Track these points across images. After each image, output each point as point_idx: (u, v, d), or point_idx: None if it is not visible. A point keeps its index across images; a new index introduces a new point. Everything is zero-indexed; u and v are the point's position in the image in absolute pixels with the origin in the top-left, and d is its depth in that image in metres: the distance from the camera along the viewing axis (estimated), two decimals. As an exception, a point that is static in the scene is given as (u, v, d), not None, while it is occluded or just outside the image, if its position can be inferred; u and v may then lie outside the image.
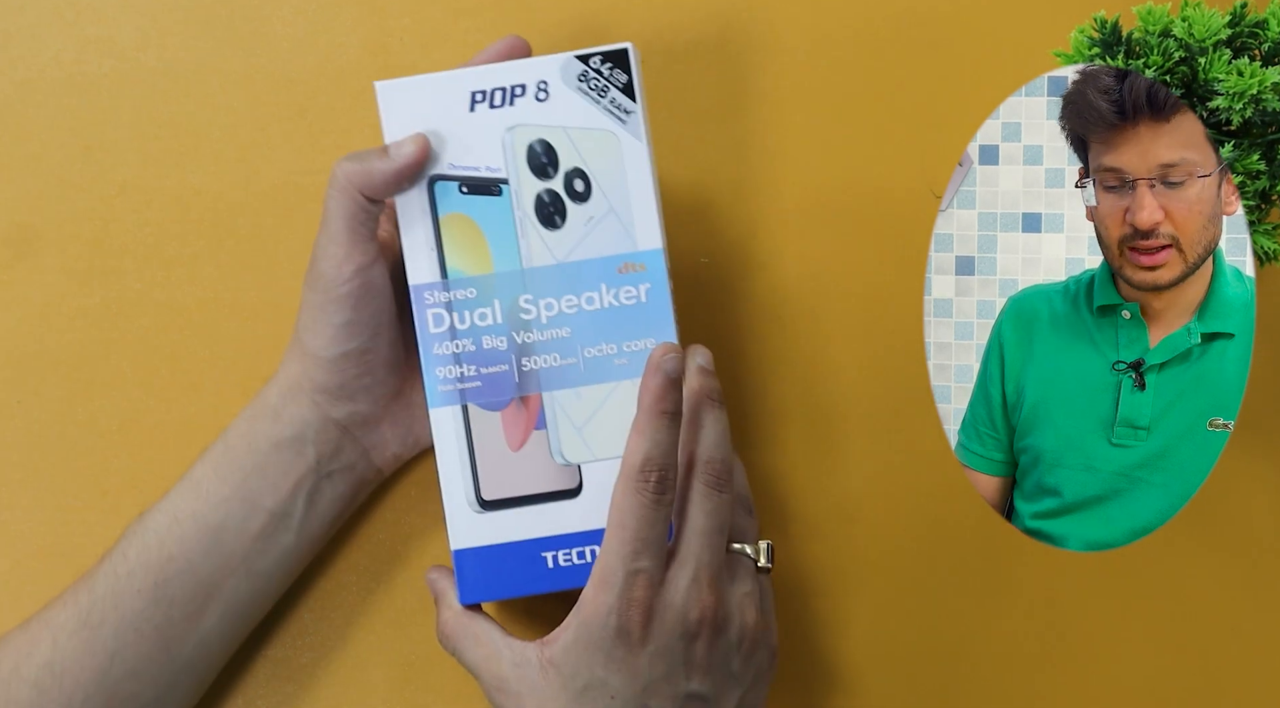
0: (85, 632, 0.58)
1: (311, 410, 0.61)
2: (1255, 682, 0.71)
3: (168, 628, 0.59)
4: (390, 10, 0.68)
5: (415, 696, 0.67)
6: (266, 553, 0.61)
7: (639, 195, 0.60)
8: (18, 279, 0.66)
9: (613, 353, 0.60)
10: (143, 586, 0.59)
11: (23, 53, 0.66)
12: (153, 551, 0.59)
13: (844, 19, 0.71)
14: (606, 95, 0.60)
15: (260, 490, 0.60)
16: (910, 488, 0.70)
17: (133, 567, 0.59)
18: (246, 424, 0.61)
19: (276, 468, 0.60)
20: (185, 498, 0.60)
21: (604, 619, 0.56)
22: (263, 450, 0.60)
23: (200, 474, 0.60)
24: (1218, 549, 0.71)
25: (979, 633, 0.70)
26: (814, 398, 0.70)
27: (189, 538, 0.59)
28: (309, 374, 0.60)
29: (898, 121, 0.71)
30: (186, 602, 0.59)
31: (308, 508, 0.61)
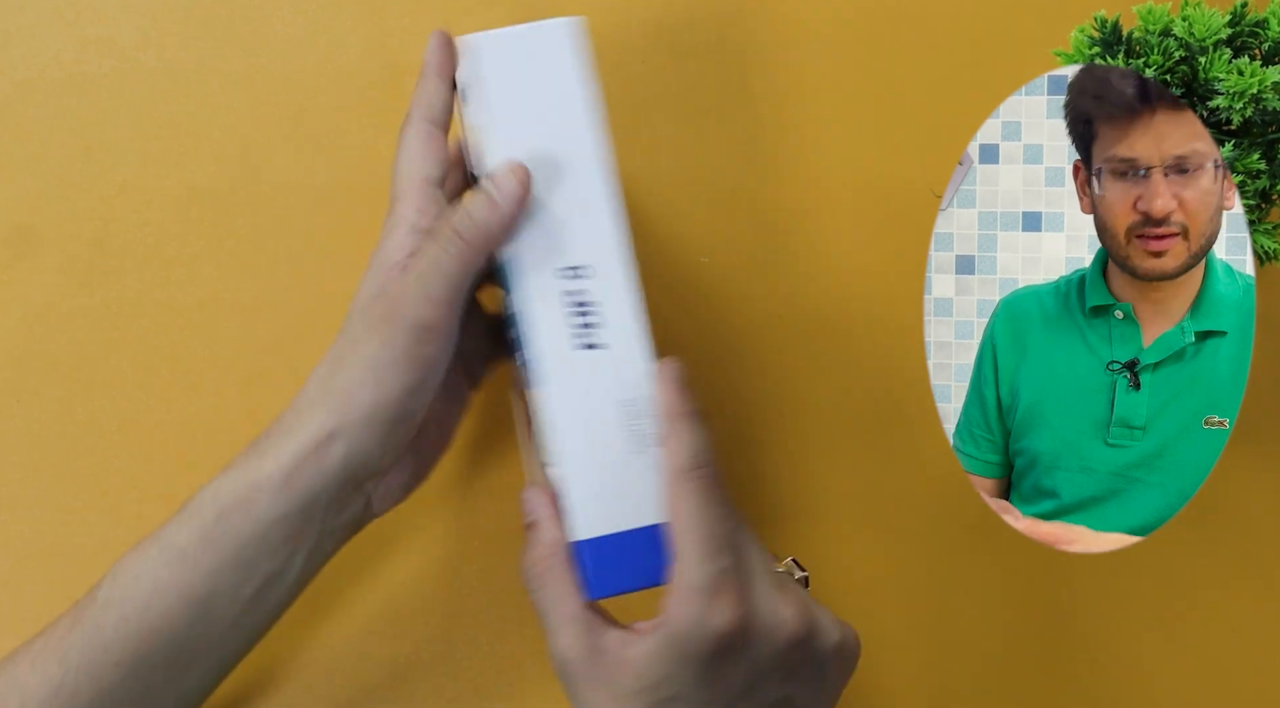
0: (58, 701, 0.53)
1: (334, 475, 0.54)
2: (1255, 682, 0.71)
3: (147, 694, 0.54)
4: (390, 10, 0.68)
5: (415, 695, 0.67)
6: (257, 612, 0.55)
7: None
8: (18, 279, 0.66)
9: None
10: (121, 658, 0.54)
11: (23, 53, 0.66)
12: (131, 623, 0.53)
13: (844, 19, 0.71)
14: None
15: (257, 560, 0.54)
16: (910, 488, 0.70)
17: (109, 641, 0.53)
18: (244, 492, 0.54)
19: (278, 536, 0.54)
20: (168, 568, 0.54)
21: (695, 630, 0.51)
22: (264, 522, 0.53)
23: (184, 541, 0.54)
24: (1218, 549, 0.71)
25: (979, 633, 0.70)
26: (814, 398, 0.70)
27: (173, 611, 0.54)
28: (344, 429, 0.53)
29: (898, 121, 0.71)
30: (168, 667, 0.54)
31: (305, 565, 0.55)
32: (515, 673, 0.68)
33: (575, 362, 0.55)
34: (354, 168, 0.67)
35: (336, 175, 0.68)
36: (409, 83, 0.66)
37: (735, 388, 0.70)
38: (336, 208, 0.68)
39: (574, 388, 0.55)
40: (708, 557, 0.52)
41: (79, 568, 0.64)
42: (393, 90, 0.68)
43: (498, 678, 0.68)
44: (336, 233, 0.67)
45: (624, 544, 0.55)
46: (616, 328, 0.55)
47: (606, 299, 0.55)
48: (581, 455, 0.55)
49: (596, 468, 0.55)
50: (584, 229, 0.56)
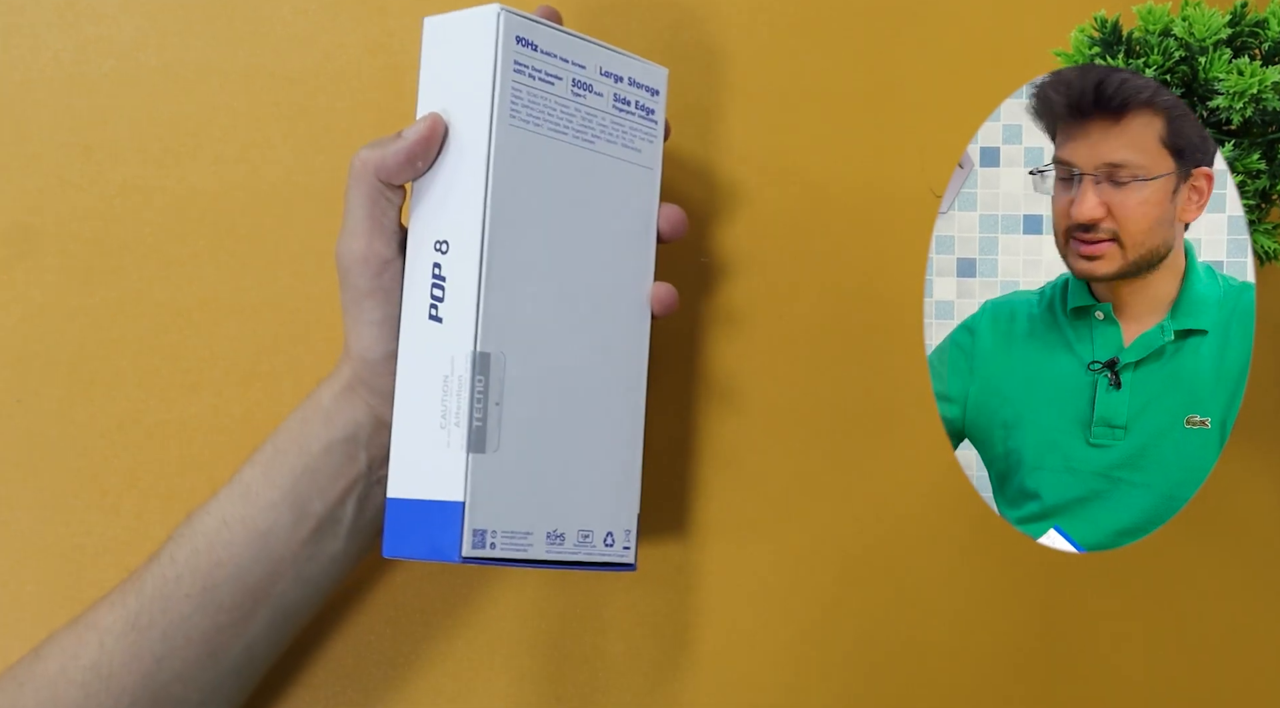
0: (133, 635, 0.57)
1: (364, 412, 0.59)
2: (1255, 682, 0.71)
3: (215, 633, 0.58)
4: (390, 10, 0.68)
5: (415, 695, 0.67)
6: (315, 559, 0.59)
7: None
8: (18, 279, 0.66)
9: None
10: (191, 590, 0.57)
11: (23, 53, 0.66)
12: (201, 555, 0.58)
13: (844, 19, 0.71)
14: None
15: (309, 495, 0.58)
16: (909, 489, 0.70)
17: (181, 571, 0.58)
18: (298, 426, 0.59)
19: (327, 472, 0.59)
20: (234, 502, 0.58)
21: None
22: (313, 453, 0.59)
23: (249, 477, 0.59)
24: (1217, 549, 0.71)
25: (978, 633, 0.70)
26: (814, 399, 0.70)
27: (237, 543, 0.58)
28: (359, 376, 0.59)
29: (898, 121, 0.71)
30: (234, 608, 0.58)
31: (357, 513, 0.60)
32: (516, 673, 0.68)
33: (420, 331, 0.57)
34: (354, 168, 0.67)
35: (336, 175, 0.67)
36: (409, 83, 0.66)
37: (735, 388, 0.70)
38: (336, 208, 0.68)
39: (413, 356, 0.58)
40: None
41: (79, 568, 0.64)
42: (393, 90, 0.68)
43: (498, 678, 0.68)
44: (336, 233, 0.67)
45: (418, 512, 0.57)
46: (456, 305, 0.57)
47: (455, 276, 0.57)
48: (405, 419, 0.57)
49: (412, 436, 0.57)
50: (458, 207, 0.57)
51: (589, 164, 0.60)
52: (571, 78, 0.59)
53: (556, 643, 0.69)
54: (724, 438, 0.70)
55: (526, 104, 0.57)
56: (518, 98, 0.57)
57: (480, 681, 0.68)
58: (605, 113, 0.60)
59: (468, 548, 0.55)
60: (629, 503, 0.61)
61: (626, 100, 0.61)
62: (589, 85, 0.60)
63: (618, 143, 0.61)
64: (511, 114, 0.57)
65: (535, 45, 0.58)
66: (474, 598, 0.68)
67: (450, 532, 0.56)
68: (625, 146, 0.61)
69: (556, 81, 0.58)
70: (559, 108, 0.58)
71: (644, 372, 0.62)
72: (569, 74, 0.59)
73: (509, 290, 0.57)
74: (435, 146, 0.57)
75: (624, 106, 0.61)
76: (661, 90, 0.62)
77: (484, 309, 0.56)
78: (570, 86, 0.59)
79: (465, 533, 0.55)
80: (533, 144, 0.57)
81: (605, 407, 0.60)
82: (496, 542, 0.56)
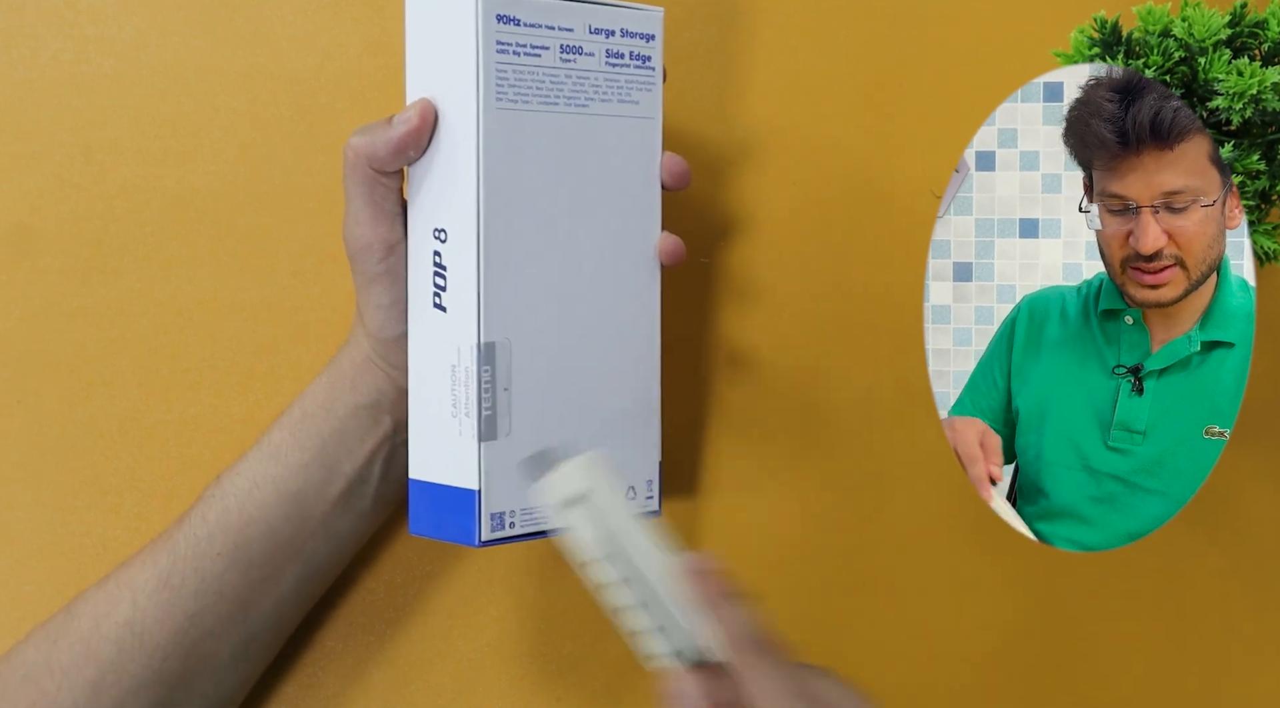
0: (165, 592, 0.58)
1: (385, 381, 0.61)
2: (1255, 682, 0.71)
3: (246, 590, 0.59)
4: (390, 10, 0.68)
5: (415, 695, 0.67)
6: (344, 517, 0.61)
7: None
8: (18, 279, 0.66)
9: None
10: (223, 549, 0.59)
11: (23, 53, 0.66)
12: (233, 514, 0.59)
13: (843, 19, 0.71)
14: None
15: (339, 456, 0.60)
16: (909, 491, 0.70)
17: (212, 530, 0.59)
18: (324, 392, 0.61)
19: (354, 434, 0.61)
20: (264, 463, 0.60)
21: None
22: (341, 416, 0.61)
23: (278, 440, 0.60)
24: (1218, 549, 0.71)
25: (978, 633, 0.70)
26: (813, 402, 0.70)
27: (269, 503, 0.59)
28: (376, 351, 0.60)
29: (898, 122, 0.71)
30: (265, 564, 0.59)
31: (384, 473, 0.62)
32: (516, 672, 0.68)
33: (426, 318, 0.58)
34: (354, 168, 0.67)
35: (336, 175, 0.67)
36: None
37: (735, 392, 0.70)
38: (336, 208, 0.68)
39: (422, 342, 0.58)
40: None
41: (79, 568, 0.64)
42: (393, 90, 0.68)
43: (498, 678, 0.68)
44: (336, 233, 0.67)
45: (438, 496, 0.58)
46: (458, 295, 0.57)
47: (455, 265, 0.57)
48: (419, 404, 0.59)
49: (427, 420, 0.58)
50: (453, 195, 0.57)
51: (585, 129, 0.59)
52: (560, 44, 0.58)
53: (556, 643, 0.69)
54: (723, 441, 0.70)
55: (513, 83, 0.57)
56: (503, 79, 0.56)
57: (480, 681, 0.68)
58: (598, 72, 0.59)
59: (486, 533, 0.56)
60: (649, 454, 0.62)
61: (620, 54, 0.60)
62: (578, 48, 0.59)
63: (613, 100, 0.60)
64: (498, 97, 0.56)
65: (518, 20, 0.57)
66: (474, 598, 0.68)
67: (467, 518, 0.57)
68: (622, 102, 0.60)
69: (544, 52, 0.57)
70: (548, 79, 0.58)
71: (658, 319, 0.62)
72: (556, 41, 0.58)
73: (511, 275, 0.57)
74: (426, 135, 0.57)
75: (618, 61, 0.60)
76: (657, 34, 0.61)
77: (485, 299, 0.56)
78: (559, 54, 0.58)
79: (482, 519, 0.56)
80: (524, 122, 0.57)
81: (620, 358, 0.61)
82: (515, 521, 0.57)
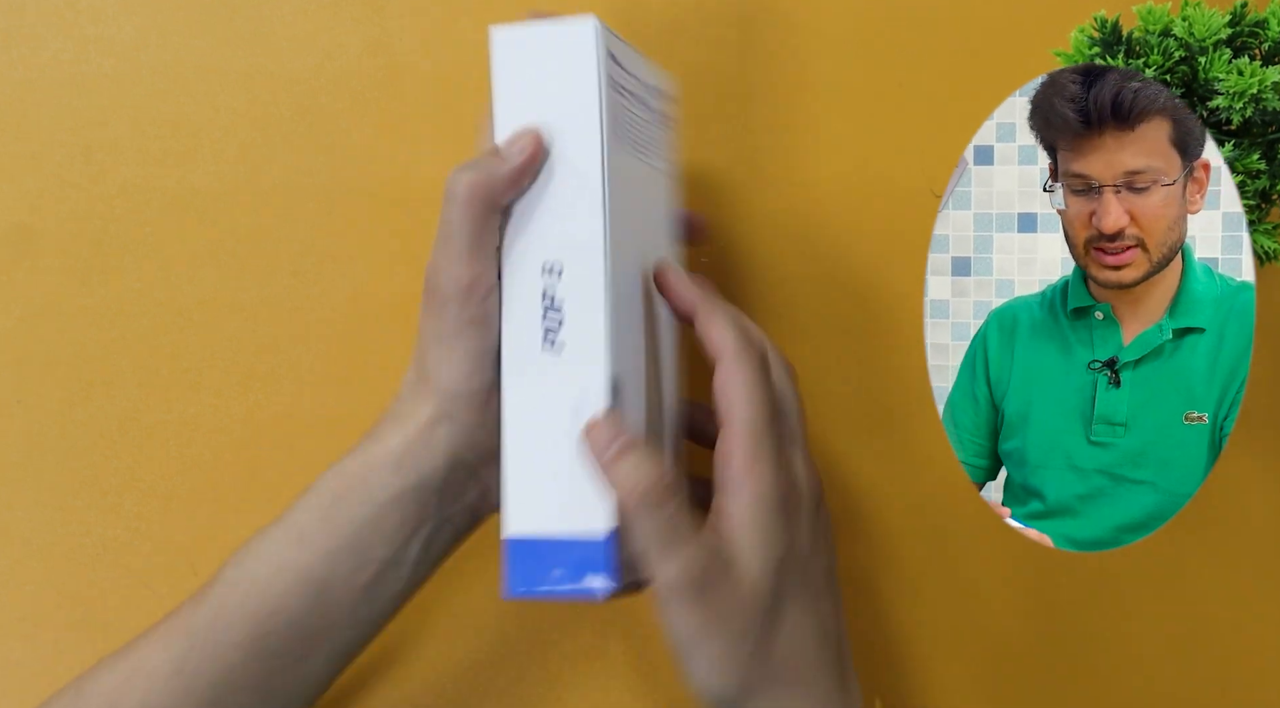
0: (180, 680, 0.55)
1: (442, 456, 0.55)
2: (1255, 681, 0.71)
3: (266, 678, 0.55)
4: (390, 10, 0.68)
5: (416, 695, 0.67)
6: (375, 601, 0.56)
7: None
8: (18, 279, 0.66)
9: None
10: (242, 639, 0.54)
11: (23, 53, 0.66)
12: (253, 602, 0.54)
13: (843, 19, 0.71)
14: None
15: (373, 543, 0.55)
16: (908, 489, 0.70)
17: (231, 619, 0.54)
18: (360, 473, 0.55)
19: (393, 520, 0.55)
20: (289, 548, 0.55)
21: (772, 487, 0.52)
22: (380, 502, 0.54)
23: (304, 522, 0.55)
24: (1218, 549, 0.71)
25: (979, 633, 0.70)
26: (812, 399, 0.70)
27: (292, 592, 0.54)
28: (446, 413, 0.54)
29: (898, 121, 0.71)
30: (288, 653, 0.55)
31: (422, 553, 0.56)
32: (516, 673, 0.68)
33: (532, 359, 0.54)
34: (354, 168, 0.67)
35: (336, 175, 0.68)
36: (409, 83, 0.66)
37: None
38: (336, 208, 0.68)
39: (526, 385, 0.54)
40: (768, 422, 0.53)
41: (79, 568, 0.64)
42: (393, 90, 0.68)
43: (498, 678, 0.68)
44: (336, 233, 0.67)
45: (555, 550, 0.53)
46: (578, 332, 0.54)
47: (574, 301, 0.54)
48: (524, 455, 0.54)
49: (537, 469, 0.54)
50: (567, 228, 0.55)
51: (645, 177, 0.58)
52: (633, 90, 0.57)
53: (556, 643, 0.69)
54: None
55: (616, 119, 0.56)
56: (614, 115, 0.55)
57: (480, 681, 0.68)
58: (651, 124, 0.59)
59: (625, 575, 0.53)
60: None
61: (657, 109, 0.60)
62: (642, 98, 0.58)
63: (653, 154, 0.59)
64: (612, 132, 0.55)
65: (615, 58, 0.56)
66: (474, 598, 0.68)
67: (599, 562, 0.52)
68: (658, 156, 0.60)
69: (630, 96, 0.57)
70: (630, 121, 0.57)
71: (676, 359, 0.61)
72: (631, 86, 0.57)
73: (618, 313, 0.55)
74: (539, 166, 0.55)
75: (658, 116, 0.60)
76: (673, 96, 0.61)
77: (610, 335, 0.54)
78: (635, 100, 0.58)
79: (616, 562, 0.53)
80: (623, 160, 0.56)
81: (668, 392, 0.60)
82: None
